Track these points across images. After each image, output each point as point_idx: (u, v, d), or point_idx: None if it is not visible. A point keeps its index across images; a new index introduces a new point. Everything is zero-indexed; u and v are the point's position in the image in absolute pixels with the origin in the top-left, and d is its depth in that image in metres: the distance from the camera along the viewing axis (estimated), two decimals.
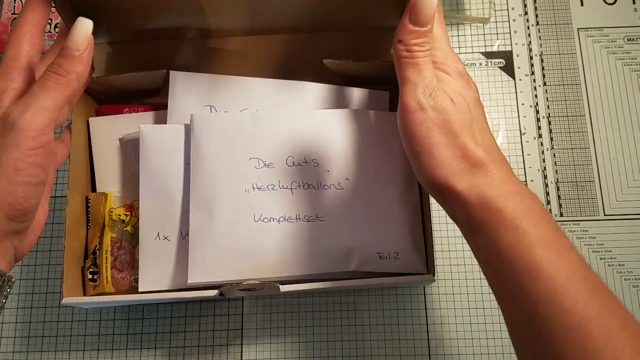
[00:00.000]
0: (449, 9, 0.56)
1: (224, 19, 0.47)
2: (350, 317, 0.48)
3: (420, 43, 0.34)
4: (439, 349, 0.47)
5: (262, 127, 0.44)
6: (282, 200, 0.43)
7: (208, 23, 0.47)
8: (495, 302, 0.47)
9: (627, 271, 0.49)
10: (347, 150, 0.44)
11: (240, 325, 0.48)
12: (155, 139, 0.44)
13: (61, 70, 0.32)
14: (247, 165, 0.43)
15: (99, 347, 0.48)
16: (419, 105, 0.33)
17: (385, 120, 0.45)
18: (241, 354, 0.47)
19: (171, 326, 0.48)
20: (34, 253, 0.50)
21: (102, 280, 0.44)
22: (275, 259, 0.42)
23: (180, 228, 0.44)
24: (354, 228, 0.43)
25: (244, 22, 0.48)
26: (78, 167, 0.45)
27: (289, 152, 0.44)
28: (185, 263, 0.42)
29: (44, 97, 0.31)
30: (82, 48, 0.33)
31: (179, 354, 0.47)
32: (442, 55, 0.35)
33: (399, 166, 0.45)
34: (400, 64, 0.35)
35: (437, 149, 0.33)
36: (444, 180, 0.33)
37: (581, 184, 0.51)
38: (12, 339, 0.48)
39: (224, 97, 0.46)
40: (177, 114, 0.46)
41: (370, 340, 0.47)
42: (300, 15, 0.47)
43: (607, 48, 0.54)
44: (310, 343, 0.47)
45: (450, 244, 0.49)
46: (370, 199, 0.44)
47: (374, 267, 0.43)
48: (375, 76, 0.48)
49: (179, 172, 0.44)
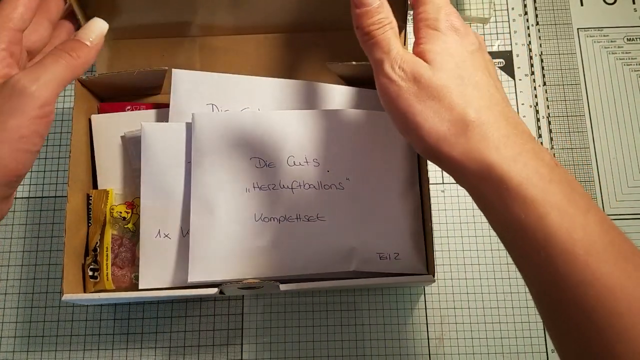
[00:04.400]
0: None
1: (226, 16, 0.47)
2: (350, 316, 0.48)
3: (375, 22, 0.32)
4: (438, 349, 0.47)
5: (263, 126, 0.44)
6: (282, 199, 0.43)
7: (211, 20, 0.48)
8: (495, 302, 0.48)
9: None
10: (348, 150, 0.44)
11: (240, 325, 0.48)
12: (156, 137, 0.44)
13: (73, 53, 0.34)
14: (248, 165, 0.43)
15: (99, 346, 0.48)
16: (390, 80, 0.31)
17: (386, 120, 0.45)
18: (241, 353, 0.47)
19: (171, 325, 0.48)
20: (34, 252, 0.50)
21: (102, 277, 0.44)
22: (275, 258, 0.42)
23: (181, 226, 0.44)
24: (355, 228, 0.43)
25: (246, 21, 0.48)
26: (79, 165, 0.45)
27: (289, 152, 0.44)
28: (185, 261, 0.42)
29: (56, 72, 0.33)
30: (95, 41, 0.35)
31: (179, 353, 0.47)
32: (433, 11, 0.33)
33: (399, 166, 0.45)
34: (366, 49, 0.33)
35: (422, 117, 0.30)
36: (435, 147, 0.30)
37: (581, 184, 0.51)
38: (12, 338, 0.48)
39: (226, 96, 0.46)
40: (179, 112, 0.46)
41: (370, 339, 0.47)
42: (302, 14, 0.47)
43: (607, 48, 0.54)
44: (310, 342, 0.47)
45: (450, 244, 0.49)
46: (371, 199, 0.44)
47: (374, 268, 0.43)
48: None
49: (180, 171, 0.44)
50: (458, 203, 0.50)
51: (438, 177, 0.51)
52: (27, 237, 0.50)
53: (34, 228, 0.50)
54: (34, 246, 0.50)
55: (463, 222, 0.50)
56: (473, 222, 0.50)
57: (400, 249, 0.44)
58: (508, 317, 0.48)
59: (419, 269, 0.44)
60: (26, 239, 0.50)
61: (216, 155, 0.43)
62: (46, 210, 0.51)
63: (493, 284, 0.48)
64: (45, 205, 0.51)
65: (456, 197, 0.51)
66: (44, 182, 0.52)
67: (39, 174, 0.52)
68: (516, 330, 0.47)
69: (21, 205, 0.51)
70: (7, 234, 0.50)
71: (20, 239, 0.50)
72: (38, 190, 0.51)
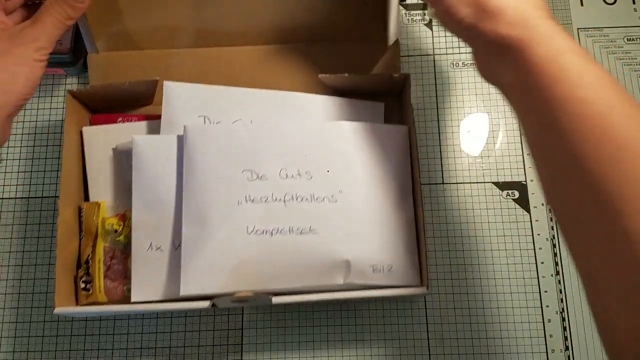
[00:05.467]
0: None
1: (218, 28, 0.47)
2: (350, 316, 0.48)
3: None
4: (438, 349, 0.47)
5: (255, 138, 0.44)
6: (275, 212, 0.43)
7: (203, 32, 0.47)
8: (495, 303, 0.48)
9: None
10: (341, 162, 0.44)
11: (240, 340, 0.48)
12: (148, 149, 0.44)
13: (65, 13, 0.39)
14: (241, 177, 0.43)
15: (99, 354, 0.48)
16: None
17: (380, 132, 0.45)
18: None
19: (170, 340, 0.48)
20: (33, 267, 0.50)
21: (94, 289, 0.44)
22: (267, 271, 0.42)
23: (172, 239, 0.44)
24: (347, 241, 0.43)
25: (238, 32, 0.47)
26: (70, 177, 0.46)
27: (282, 164, 0.44)
28: (177, 274, 0.42)
29: (50, 23, 0.39)
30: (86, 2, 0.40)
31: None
32: None
33: (393, 178, 0.45)
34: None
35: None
36: (465, 22, 0.33)
37: None
38: (12, 338, 0.48)
39: (218, 108, 0.46)
40: (171, 124, 0.45)
41: (370, 339, 0.47)
42: (294, 25, 0.46)
43: (607, 48, 0.54)
44: (311, 351, 0.47)
45: (450, 244, 0.49)
46: (364, 212, 0.44)
47: (367, 280, 0.43)
48: (369, 89, 0.48)
49: (172, 183, 0.44)
50: (458, 203, 0.50)
51: (438, 177, 0.51)
52: (26, 237, 0.50)
53: (34, 228, 0.50)
54: (33, 246, 0.50)
55: (463, 222, 0.50)
56: (473, 222, 0.50)
57: (393, 261, 0.43)
58: (508, 317, 0.48)
59: (413, 281, 0.44)
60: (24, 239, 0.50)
61: (208, 167, 0.43)
62: (45, 210, 0.51)
63: (493, 284, 0.48)
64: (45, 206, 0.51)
65: (456, 197, 0.51)
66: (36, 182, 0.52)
67: (33, 174, 0.52)
68: (516, 330, 0.47)
69: (21, 205, 0.51)
70: (6, 234, 0.50)
71: (19, 239, 0.50)
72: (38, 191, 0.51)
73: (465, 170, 0.51)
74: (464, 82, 0.54)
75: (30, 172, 0.52)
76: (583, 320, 0.47)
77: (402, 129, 0.47)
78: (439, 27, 0.56)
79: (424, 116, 0.53)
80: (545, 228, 0.50)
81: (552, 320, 0.48)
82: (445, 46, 0.55)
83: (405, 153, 0.46)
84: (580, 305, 0.48)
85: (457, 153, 0.52)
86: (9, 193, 0.51)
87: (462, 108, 0.53)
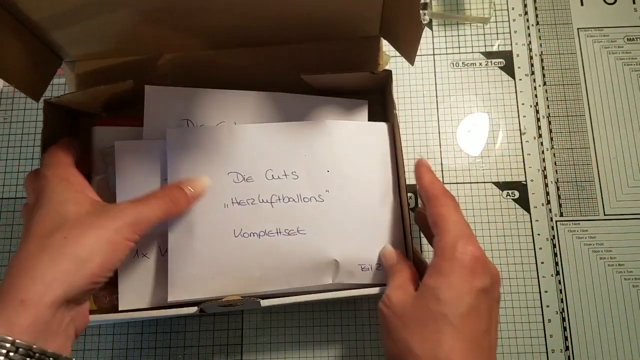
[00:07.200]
0: (449, 9, 0.56)
1: (199, 31, 0.45)
2: (350, 316, 0.48)
3: None
4: None
5: (239, 140, 0.43)
6: (262, 214, 0.42)
7: (183, 36, 0.46)
8: None
9: (627, 271, 0.49)
10: (327, 161, 0.44)
11: (240, 340, 0.48)
12: (131, 155, 0.43)
13: (176, 200, 0.39)
14: (226, 180, 0.43)
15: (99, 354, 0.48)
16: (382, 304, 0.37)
17: (364, 130, 0.45)
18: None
19: (170, 340, 0.48)
20: None
21: None
22: (256, 274, 0.42)
23: (159, 245, 0.43)
24: (335, 240, 0.43)
25: (219, 36, 0.46)
26: None
27: (268, 166, 0.43)
28: (165, 280, 0.41)
29: (155, 211, 0.38)
30: (194, 194, 0.41)
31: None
32: (451, 240, 0.35)
33: (379, 176, 0.44)
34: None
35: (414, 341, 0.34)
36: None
37: (581, 184, 0.51)
38: None
39: (201, 111, 0.45)
40: (153, 129, 0.44)
41: (370, 340, 0.47)
42: (276, 26, 0.45)
43: (607, 48, 0.54)
44: (311, 351, 0.47)
45: None
46: (351, 211, 0.43)
47: (356, 279, 0.43)
48: (352, 88, 0.48)
49: (156, 189, 0.43)
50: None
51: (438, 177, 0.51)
52: None
53: None
54: None
55: None
56: (473, 222, 0.50)
57: (380, 259, 0.43)
58: (508, 317, 0.48)
59: None
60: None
61: (192, 171, 0.42)
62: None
63: None
64: None
65: (456, 197, 0.50)
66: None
67: None
68: (516, 330, 0.47)
69: (21, 206, 0.51)
70: (6, 234, 0.50)
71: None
72: None
73: (465, 170, 0.51)
74: (464, 82, 0.54)
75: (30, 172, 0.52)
76: (583, 320, 0.48)
77: (385, 126, 0.46)
78: (439, 27, 0.56)
79: (423, 116, 0.53)
80: (545, 228, 0.50)
81: (552, 320, 0.48)
82: (445, 46, 0.55)
83: (389, 150, 0.46)
84: (580, 305, 0.48)
85: (457, 153, 0.52)
86: (9, 193, 0.51)
87: (462, 108, 0.53)
